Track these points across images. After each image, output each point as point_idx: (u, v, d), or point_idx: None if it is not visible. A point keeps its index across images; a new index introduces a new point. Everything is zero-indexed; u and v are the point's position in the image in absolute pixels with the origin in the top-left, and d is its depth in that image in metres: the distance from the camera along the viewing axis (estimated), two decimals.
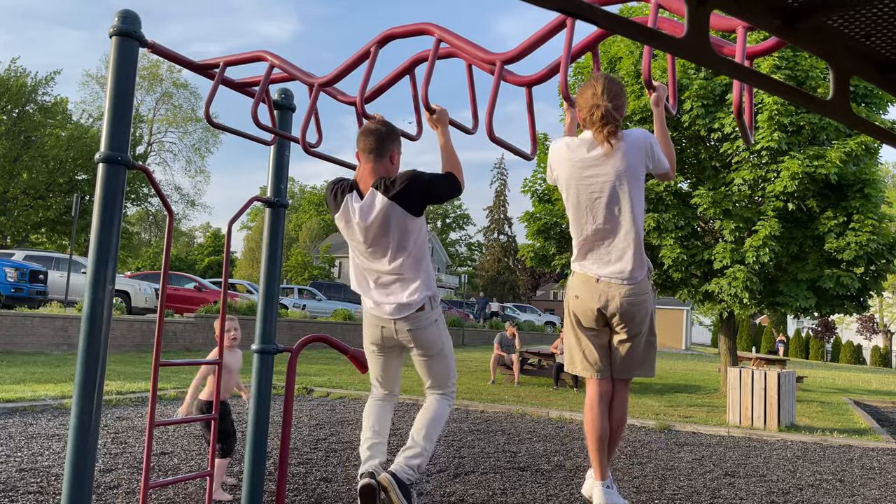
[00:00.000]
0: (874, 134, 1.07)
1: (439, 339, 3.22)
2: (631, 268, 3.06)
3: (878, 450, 8.36)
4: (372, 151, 3.11)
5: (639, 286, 3.10)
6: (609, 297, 3.09)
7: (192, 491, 4.96)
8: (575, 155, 3.10)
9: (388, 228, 3.07)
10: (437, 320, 3.20)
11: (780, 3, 0.87)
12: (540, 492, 5.45)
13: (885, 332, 47.60)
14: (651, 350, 3.25)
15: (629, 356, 3.20)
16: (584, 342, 3.25)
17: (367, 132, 3.13)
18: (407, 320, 3.14)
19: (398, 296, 3.13)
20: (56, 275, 18.21)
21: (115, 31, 3.09)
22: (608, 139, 2.98)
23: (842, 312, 12.26)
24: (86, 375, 2.94)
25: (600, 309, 3.11)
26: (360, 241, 3.16)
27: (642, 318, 3.13)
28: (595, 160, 3.03)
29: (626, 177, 3.00)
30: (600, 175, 3.03)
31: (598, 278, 3.10)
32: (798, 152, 11.03)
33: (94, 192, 3.05)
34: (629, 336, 3.17)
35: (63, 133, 31.57)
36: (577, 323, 3.24)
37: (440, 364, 3.26)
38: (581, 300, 3.17)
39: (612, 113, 2.99)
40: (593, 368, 3.25)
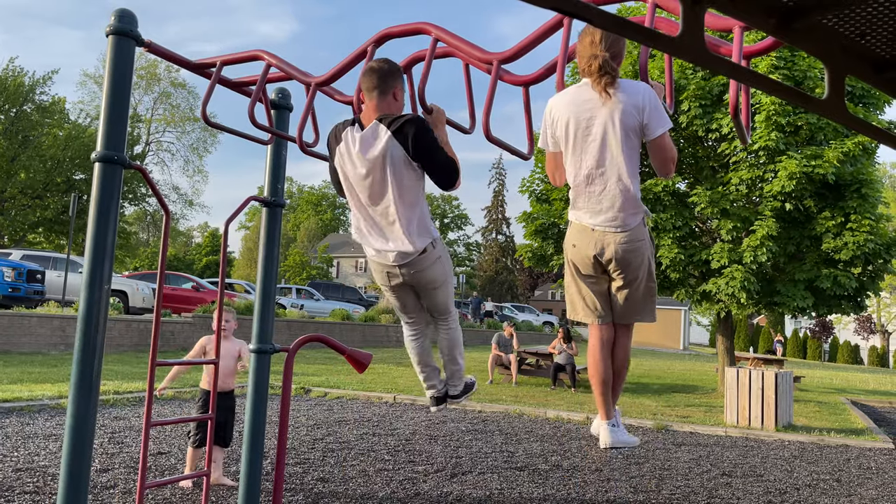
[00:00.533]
0: (870, 134, 1.06)
1: (442, 274, 3.32)
2: (623, 215, 3.07)
3: (875, 450, 8.37)
4: (375, 89, 3.08)
5: (633, 233, 3.10)
6: (605, 244, 3.11)
7: (189, 491, 4.95)
8: (574, 96, 3.10)
9: (386, 165, 3.02)
10: (440, 257, 3.28)
11: (775, 3, 0.87)
12: (537, 491, 5.45)
13: (883, 333, 47.67)
14: (650, 296, 3.30)
15: (628, 302, 3.24)
16: (583, 289, 3.30)
17: (369, 71, 3.10)
18: (410, 266, 3.20)
19: (398, 242, 3.15)
20: (53, 274, 18.18)
21: (112, 30, 3.08)
22: (605, 89, 2.99)
23: (839, 312, 12.28)
24: (82, 375, 2.93)
25: (596, 256, 3.14)
26: (360, 175, 3.07)
27: (638, 265, 3.15)
28: (591, 102, 3.04)
29: (619, 125, 3.00)
30: (595, 117, 3.04)
31: (593, 227, 3.13)
32: (796, 152, 11.04)
33: (92, 191, 3.05)
34: (626, 282, 3.20)
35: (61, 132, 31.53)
36: (576, 271, 3.29)
37: (443, 293, 3.38)
38: (578, 248, 3.21)
39: (610, 62, 2.99)
40: (594, 314, 3.30)
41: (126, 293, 18.29)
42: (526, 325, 35.37)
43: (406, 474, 5.79)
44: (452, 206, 78.67)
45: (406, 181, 3.07)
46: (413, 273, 3.22)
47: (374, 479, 5.55)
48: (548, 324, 40.84)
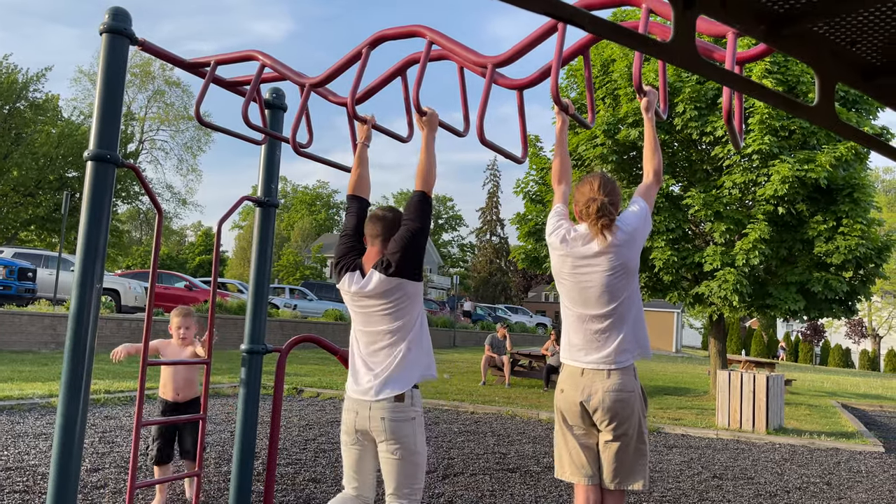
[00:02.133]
0: (859, 140, 1.07)
1: (413, 440, 2.95)
2: (614, 351, 3.00)
3: (866, 453, 8.41)
4: (379, 236, 3.09)
5: (623, 381, 2.99)
6: (592, 391, 3.00)
7: (179, 491, 4.93)
8: (570, 249, 3.09)
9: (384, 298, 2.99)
10: (415, 419, 2.98)
11: (766, 9, 0.87)
12: (529, 493, 5.46)
13: (874, 336, 47.91)
14: (641, 458, 3.08)
15: (617, 460, 3.04)
16: (570, 442, 3.14)
17: (374, 219, 3.11)
18: (383, 406, 2.93)
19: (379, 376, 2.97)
20: (45, 273, 18.09)
21: (106, 28, 3.08)
22: (602, 231, 2.99)
23: (830, 316, 12.33)
24: (72, 374, 2.92)
25: (583, 403, 3.03)
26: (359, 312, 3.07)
27: (627, 417, 3.01)
28: (589, 254, 3.03)
29: (621, 270, 3.00)
30: (594, 269, 3.02)
31: (583, 370, 3.04)
32: (789, 156, 11.09)
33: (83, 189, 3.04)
34: (614, 437, 3.03)
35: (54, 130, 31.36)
36: (564, 420, 3.15)
37: (408, 467, 2.97)
38: (565, 394, 3.10)
39: (608, 206, 2.99)
40: (580, 473, 3.11)
41: (118, 292, 18.22)
42: (519, 326, 35.41)
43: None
44: (447, 206, 78.69)
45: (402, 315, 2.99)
46: (382, 419, 2.92)
47: None
48: (541, 325, 40.89)
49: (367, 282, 3.00)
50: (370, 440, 3.02)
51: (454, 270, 69.58)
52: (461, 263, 75.71)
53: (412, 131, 3.44)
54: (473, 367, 16.68)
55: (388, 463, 2.97)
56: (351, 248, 3.18)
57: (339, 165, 3.98)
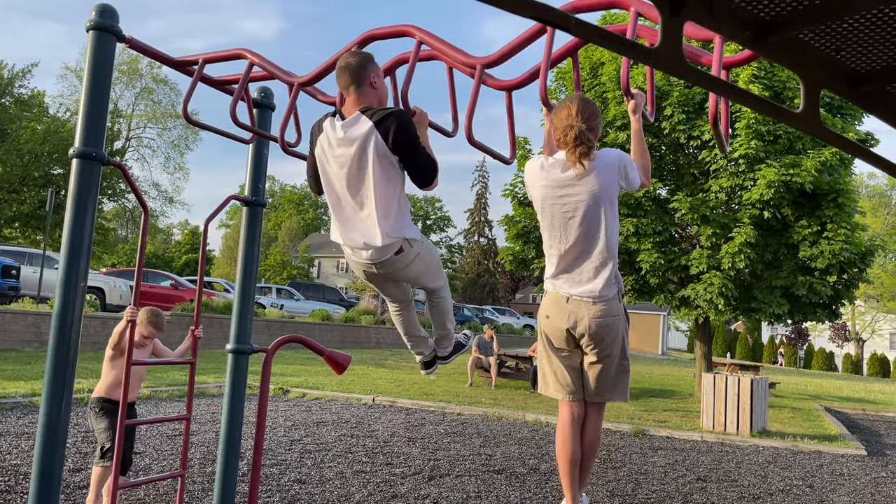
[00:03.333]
0: (844, 147, 1.08)
1: (422, 269, 3.13)
2: (601, 287, 3.05)
3: (848, 456, 8.49)
4: (351, 84, 2.96)
5: (608, 307, 3.06)
6: (578, 318, 3.07)
7: (163, 492, 4.90)
8: (549, 175, 3.10)
9: (365, 153, 2.89)
10: (419, 255, 3.08)
11: (752, 16, 0.88)
12: (514, 495, 5.47)
13: (857, 340, 48.37)
14: (623, 375, 3.22)
15: (600, 379, 3.17)
16: (555, 363, 3.23)
17: (340, 70, 2.95)
18: (386, 265, 3.01)
19: (371, 237, 2.94)
20: (29, 270, 17.93)
21: (93, 25, 3.05)
22: (580, 160, 2.99)
23: (814, 320, 12.44)
24: (55, 374, 2.89)
25: (569, 329, 3.09)
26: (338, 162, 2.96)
27: (612, 341, 3.09)
28: (568, 181, 3.04)
29: (599, 197, 3.02)
30: (573, 195, 3.04)
31: (569, 297, 3.09)
32: (775, 161, 11.18)
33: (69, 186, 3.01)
34: (599, 358, 3.13)
35: (39, 126, 31.10)
36: (549, 343, 3.23)
37: (428, 279, 3.21)
38: (551, 320, 3.16)
39: (586, 134, 2.99)
40: (565, 390, 3.23)
41: (103, 290, 18.08)
42: (506, 327, 35.46)
43: (383, 476, 5.78)
44: (435, 207, 78.70)
45: (384, 174, 2.92)
46: (390, 271, 3.08)
47: (352, 481, 5.53)
48: (528, 327, 40.95)
49: (352, 125, 2.91)
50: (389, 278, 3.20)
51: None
52: (449, 264, 75.77)
53: None
54: (460, 369, 16.68)
55: (413, 281, 3.23)
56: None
57: None
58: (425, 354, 3.53)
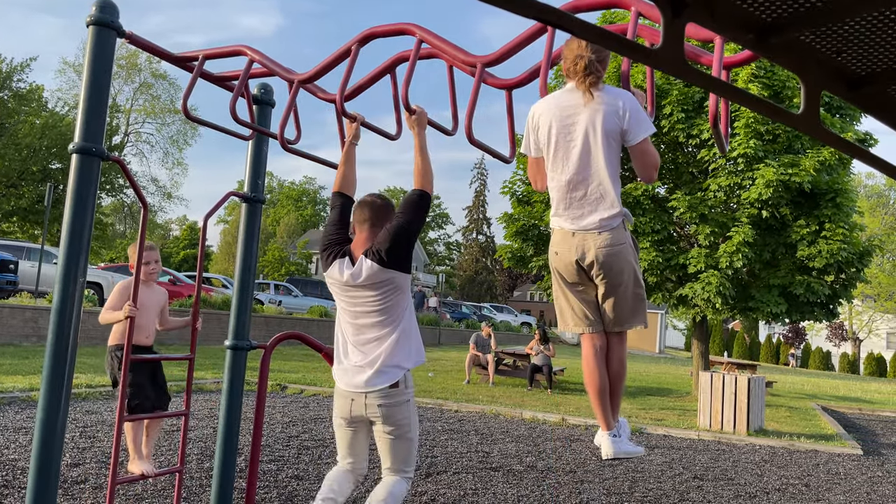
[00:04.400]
0: (843, 148, 1.09)
1: (408, 420, 3.10)
2: (604, 216, 3.05)
3: (844, 455, 8.51)
4: (367, 221, 3.10)
5: (613, 235, 3.06)
6: (585, 249, 3.07)
7: (161, 487, 4.91)
8: (557, 101, 3.11)
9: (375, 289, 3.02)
10: (409, 401, 3.11)
11: (754, 18, 0.88)
12: (511, 492, 5.48)
13: (854, 340, 48.44)
14: (639, 302, 3.21)
15: (617, 308, 3.17)
16: (571, 299, 3.23)
17: (362, 204, 3.14)
18: (377, 395, 3.04)
19: (372, 364, 3.03)
20: (27, 265, 17.90)
21: (93, 20, 3.05)
22: (589, 89, 3.00)
23: (812, 319, 12.46)
24: (54, 369, 2.89)
25: (578, 261, 3.10)
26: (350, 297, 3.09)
27: (621, 269, 3.09)
28: (574, 107, 3.04)
29: (601, 128, 3.01)
30: (577, 122, 3.04)
31: (574, 232, 3.11)
32: (773, 160, 11.19)
33: (68, 182, 3.01)
34: (611, 287, 3.13)
35: (37, 121, 31.02)
36: (562, 279, 3.23)
37: (404, 445, 3.13)
38: (560, 255, 3.17)
39: (595, 64, 3.00)
40: (584, 323, 3.23)
41: (101, 285, 18.06)
42: (504, 325, 35.47)
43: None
44: (434, 204, 78.58)
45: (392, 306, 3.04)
46: (379, 406, 3.04)
47: None
48: (526, 324, 41.00)
49: (358, 271, 3.01)
50: (365, 422, 3.14)
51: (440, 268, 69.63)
52: (447, 262, 75.76)
53: (401, 129, 3.44)
54: (458, 366, 16.70)
55: (384, 442, 3.13)
56: (337, 237, 3.20)
57: (327, 162, 3.97)
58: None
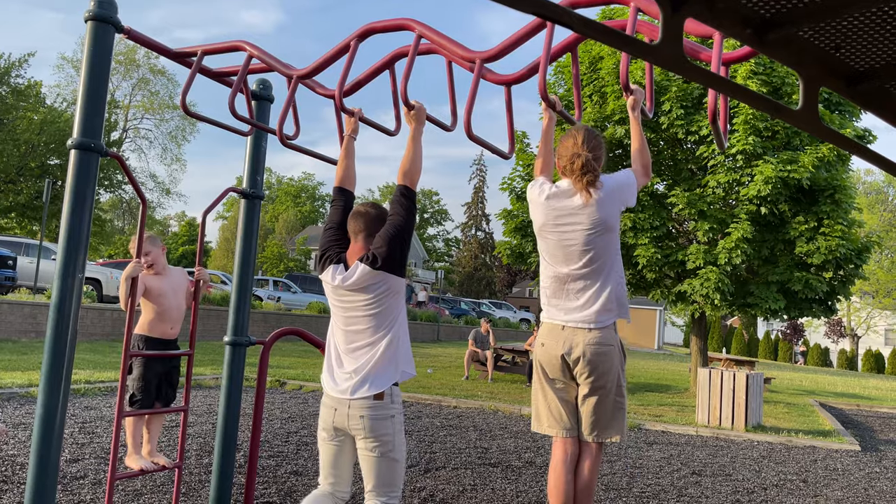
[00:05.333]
0: (841, 145, 1.09)
1: (391, 438, 2.91)
2: (596, 311, 3.02)
3: (842, 451, 8.53)
4: (362, 232, 3.07)
5: (603, 335, 3.02)
6: (573, 344, 3.03)
7: (160, 482, 4.91)
8: (551, 203, 3.09)
9: (367, 292, 2.98)
10: (395, 417, 2.94)
11: (752, 14, 0.88)
12: (510, 488, 5.49)
13: (852, 336, 48.52)
14: (619, 411, 3.11)
15: (596, 413, 3.06)
16: (549, 396, 3.15)
17: (356, 215, 3.09)
18: (362, 404, 2.90)
19: (359, 372, 2.93)
20: (25, 261, 17.89)
21: (91, 15, 3.04)
22: (587, 188, 2.99)
23: (810, 316, 12.48)
24: (53, 365, 2.90)
25: (564, 356, 3.05)
26: (342, 302, 3.07)
27: (606, 370, 3.03)
28: (571, 209, 3.04)
29: (602, 226, 3.01)
30: (576, 224, 3.02)
31: (564, 325, 3.06)
32: (772, 157, 11.19)
33: (66, 178, 3.01)
34: (593, 389, 3.05)
35: (36, 117, 30.96)
36: (544, 374, 3.17)
37: (387, 466, 2.93)
38: (546, 348, 3.12)
39: (592, 163, 2.99)
40: (559, 425, 3.13)
41: (100, 281, 18.05)
42: (503, 321, 35.52)
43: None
44: (432, 201, 78.63)
45: (385, 311, 2.98)
46: (361, 417, 2.89)
47: None
48: (524, 321, 41.03)
49: (350, 274, 3.00)
50: (349, 437, 2.98)
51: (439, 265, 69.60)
52: (446, 258, 75.74)
53: (399, 125, 3.43)
54: (457, 362, 16.71)
55: (367, 460, 2.94)
56: (335, 240, 3.18)
57: (326, 158, 3.97)
58: None
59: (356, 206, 3.16)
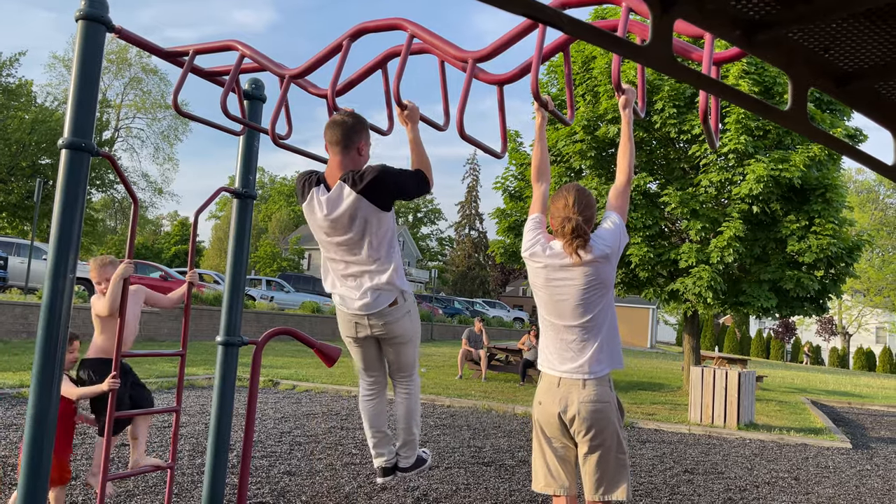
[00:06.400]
0: (831, 145, 1.09)
1: (410, 329, 3.29)
2: (590, 363, 3.02)
3: (833, 449, 8.58)
4: (338, 143, 3.09)
5: (598, 392, 3.02)
6: (569, 402, 3.02)
7: (152, 483, 4.90)
8: (545, 260, 3.10)
9: (354, 222, 3.05)
10: (410, 311, 3.27)
11: (741, 14, 0.89)
12: (503, 487, 5.49)
13: (844, 334, 48.78)
14: (621, 468, 3.07)
15: (598, 471, 3.05)
16: (548, 455, 3.14)
17: (332, 124, 3.12)
18: (379, 316, 3.17)
19: (367, 293, 3.11)
20: (16, 261, 17.79)
21: (82, 14, 3.03)
22: (577, 251, 3.00)
23: (802, 314, 12.54)
24: (44, 366, 2.88)
25: (560, 414, 3.04)
26: (327, 234, 3.13)
27: (603, 428, 3.03)
28: (564, 267, 3.04)
29: (596, 284, 3.02)
30: (569, 281, 3.02)
31: (560, 379, 3.05)
32: (764, 156, 11.23)
33: (57, 177, 2.99)
34: (592, 447, 3.04)
35: (27, 116, 30.81)
36: (542, 432, 3.15)
37: (409, 350, 3.35)
38: (543, 406, 3.10)
39: (583, 226, 2.99)
40: (556, 483, 3.11)
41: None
42: (497, 320, 35.54)
43: (373, 468, 5.78)
44: (426, 200, 78.61)
45: (376, 236, 3.08)
46: (380, 325, 3.21)
47: (341, 473, 5.54)
48: (518, 320, 41.06)
49: (335, 197, 3.02)
50: (372, 338, 3.31)
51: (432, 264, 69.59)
52: (440, 257, 75.72)
53: (392, 124, 3.43)
54: (450, 361, 16.72)
55: (393, 351, 3.33)
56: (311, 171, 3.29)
57: (318, 157, 3.96)
58: (387, 458, 3.55)
59: (333, 116, 3.15)
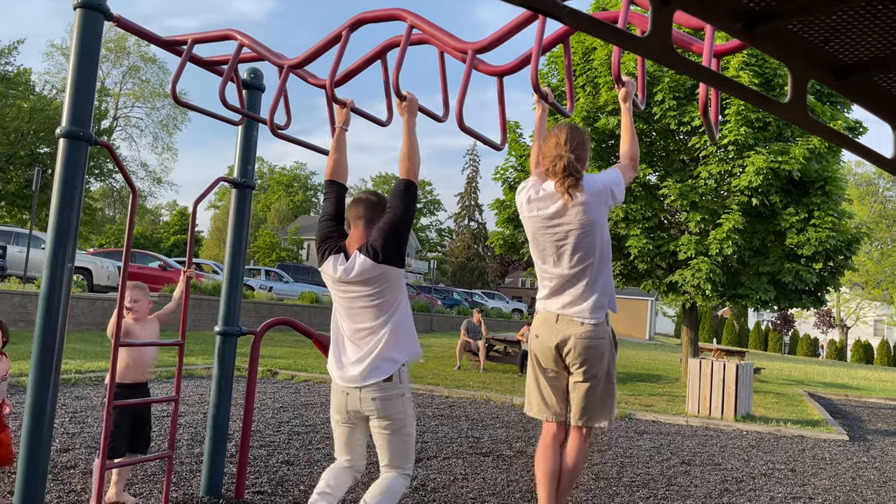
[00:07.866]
0: (830, 137, 1.09)
1: (402, 415, 3.07)
2: (590, 308, 3.09)
3: (830, 441, 8.61)
4: (362, 218, 3.10)
5: (596, 329, 3.10)
6: (566, 336, 3.11)
7: (151, 472, 4.91)
8: (537, 208, 3.12)
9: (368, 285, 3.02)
10: (404, 395, 3.08)
11: (741, 6, 0.88)
12: (501, 477, 5.52)
13: (842, 327, 48.89)
14: (608, 397, 3.22)
15: (585, 399, 3.18)
16: (542, 383, 3.27)
17: (357, 202, 3.14)
18: (372, 389, 3.02)
19: (366, 358, 3.03)
20: (15, 250, 17.78)
21: (80, 2, 3.01)
22: (569, 191, 3.01)
23: (800, 306, 12.56)
24: (42, 355, 2.89)
25: (557, 346, 3.13)
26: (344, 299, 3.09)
27: (597, 361, 3.12)
28: (557, 211, 3.06)
29: (589, 226, 3.04)
30: (564, 225, 3.06)
31: (558, 317, 3.13)
32: (763, 148, 11.22)
33: (56, 166, 2.99)
34: (584, 378, 3.15)
35: (25, 104, 30.71)
36: (537, 363, 3.26)
37: (400, 441, 3.11)
38: (540, 339, 3.20)
39: (574, 164, 3.00)
40: (549, 410, 3.26)
41: (90, 271, 17.97)
42: (496, 311, 35.57)
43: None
44: (426, 191, 78.55)
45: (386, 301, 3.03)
46: (373, 399, 3.02)
47: None
48: (517, 311, 41.11)
49: (351, 266, 3.03)
50: (362, 418, 3.14)
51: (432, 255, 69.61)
52: (439, 248, 75.76)
53: (391, 115, 3.43)
54: (449, 352, 16.75)
55: (380, 437, 3.11)
56: (332, 231, 3.20)
57: (317, 148, 3.96)
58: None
59: (358, 194, 3.20)
